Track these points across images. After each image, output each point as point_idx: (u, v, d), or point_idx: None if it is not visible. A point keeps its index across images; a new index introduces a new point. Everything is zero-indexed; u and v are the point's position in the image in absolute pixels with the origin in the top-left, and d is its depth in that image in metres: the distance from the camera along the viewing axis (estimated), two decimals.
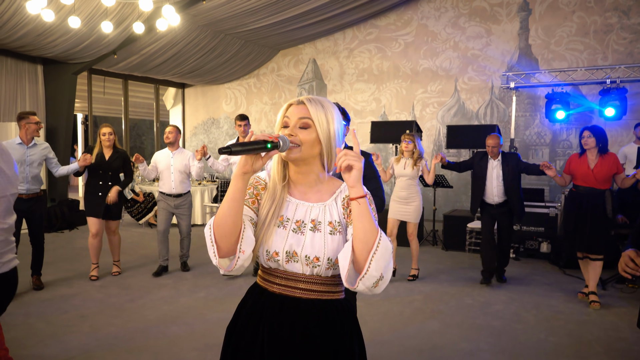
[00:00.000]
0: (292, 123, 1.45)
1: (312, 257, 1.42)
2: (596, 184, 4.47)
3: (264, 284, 1.51)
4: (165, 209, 5.51)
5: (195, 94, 12.19)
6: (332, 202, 1.49)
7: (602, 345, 3.59)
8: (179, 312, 4.26)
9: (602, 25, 8.12)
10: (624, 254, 1.96)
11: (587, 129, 4.53)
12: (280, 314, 1.44)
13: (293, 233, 1.44)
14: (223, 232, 1.36)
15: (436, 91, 9.40)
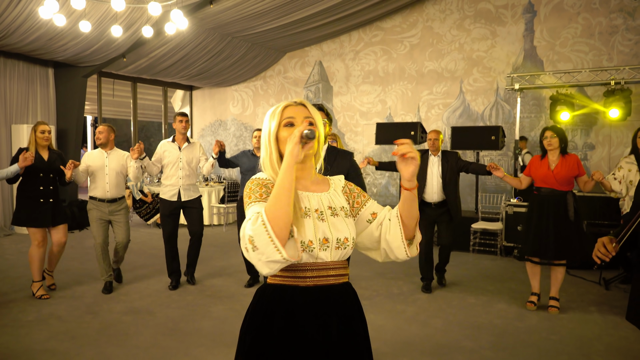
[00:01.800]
0: (299, 122, 1.55)
1: (342, 238, 1.52)
2: (557, 185, 4.34)
3: (292, 281, 1.52)
4: (100, 218, 4.87)
5: (202, 96, 12.32)
6: (334, 192, 1.63)
7: (602, 344, 3.64)
8: (187, 310, 4.36)
9: (607, 27, 8.14)
10: (599, 240, 2.03)
11: (549, 129, 4.42)
12: (321, 305, 1.50)
13: (318, 221, 1.51)
14: (283, 223, 1.35)
15: (441, 93, 9.45)
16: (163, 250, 5.71)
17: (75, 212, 8.33)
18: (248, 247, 1.36)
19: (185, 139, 5.19)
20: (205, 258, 6.32)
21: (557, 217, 4.29)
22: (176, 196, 5.08)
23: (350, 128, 10.40)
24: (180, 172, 5.08)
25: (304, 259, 1.50)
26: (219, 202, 9.12)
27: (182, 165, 5.09)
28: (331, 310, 1.52)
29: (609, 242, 1.98)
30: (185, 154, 5.13)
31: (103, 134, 4.92)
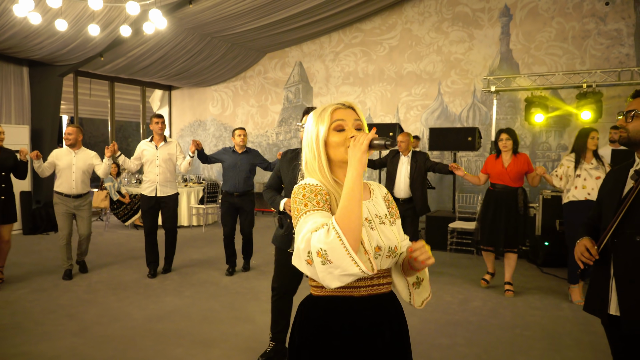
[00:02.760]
0: (349, 125, 1.49)
1: (392, 247, 1.50)
2: (510, 182, 4.90)
3: (347, 292, 1.47)
4: (65, 212, 5.27)
5: (182, 96, 12.24)
6: (375, 199, 1.59)
7: (573, 339, 3.75)
8: (165, 311, 4.34)
9: (580, 31, 8.36)
10: (579, 242, 2.10)
11: (504, 132, 4.98)
12: (375, 314, 1.49)
13: (370, 230, 1.47)
14: (358, 235, 1.31)
15: (420, 94, 9.57)
16: (141, 251, 5.70)
17: (51, 214, 8.20)
18: (316, 260, 1.29)
19: (162, 139, 5.54)
20: (184, 259, 6.30)
21: (508, 210, 4.88)
22: (154, 192, 5.45)
23: None
24: (157, 170, 5.45)
25: None
26: (198, 203, 9.07)
27: (159, 163, 5.46)
28: (384, 319, 1.51)
29: (592, 245, 2.05)
30: (161, 153, 5.47)
31: (72, 135, 5.28)
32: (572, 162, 4.75)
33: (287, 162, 3.19)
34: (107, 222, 8.90)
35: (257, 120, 11.29)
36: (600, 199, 2.24)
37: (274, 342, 3.33)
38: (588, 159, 4.71)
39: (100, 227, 8.85)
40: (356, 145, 1.38)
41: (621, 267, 2.00)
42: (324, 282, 1.32)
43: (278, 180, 3.30)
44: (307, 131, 1.54)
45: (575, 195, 4.70)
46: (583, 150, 4.71)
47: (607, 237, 2.05)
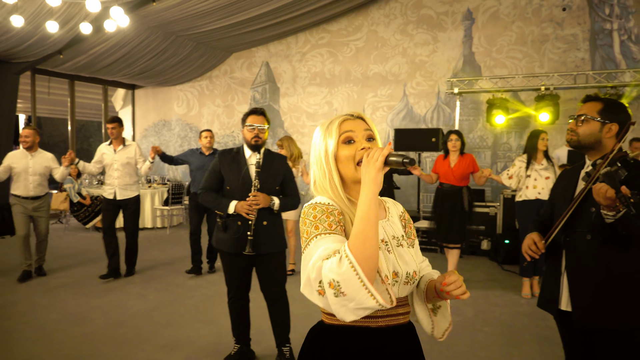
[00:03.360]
0: (359, 137, 1.38)
1: (411, 272, 1.37)
2: (455, 181, 5.12)
3: (363, 322, 1.33)
4: (23, 213, 5.25)
5: (145, 95, 12.01)
6: (392, 218, 1.47)
7: (531, 334, 3.87)
8: (127, 315, 4.25)
9: (538, 35, 8.63)
10: (528, 236, 2.18)
11: (454, 133, 5.20)
12: (392, 347, 1.35)
13: (386, 253, 1.35)
14: (374, 264, 1.17)
15: (386, 95, 9.68)
16: (103, 254, 5.57)
17: (5, 217, 7.90)
18: (328, 291, 1.16)
19: (121, 142, 5.47)
20: (147, 261, 6.18)
21: (453, 208, 5.12)
22: (112, 195, 5.40)
23: (297, 129, 10.46)
24: (116, 173, 5.39)
25: None
26: (163, 204, 8.92)
27: (117, 167, 5.36)
28: (401, 351, 1.37)
29: (540, 239, 2.13)
30: (119, 157, 5.40)
31: (29, 138, 5.23)
32: (523, 162, 4.92)
33: (228, 163, 3.14)
34: (67, 224, 8.65)
35: (224, 121, 11.18)
36: (552, 198, 2.33)
37: (239, 344, 3.32)
38: (539, 160, 4.89)
39: (60, 229, 8.59)
40: (370, 162, 1.25)
41: (572, 264, 2.08)
42: (338, 315, 1.18)
43: (218, 182, 3.18)
44: (314, 147, 1.43)
45: (527, 195, 4.88)
46: (534, 151, 4.89)
47: (555, 233, 2.13)
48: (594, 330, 2.03)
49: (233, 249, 3.09)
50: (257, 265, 3.19)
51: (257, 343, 3.51)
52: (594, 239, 2.03)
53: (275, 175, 3.17)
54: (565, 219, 2.11)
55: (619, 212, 1.81)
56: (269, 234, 3.12)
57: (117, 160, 5.37)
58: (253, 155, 3.16)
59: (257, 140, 3.11)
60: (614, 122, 2.10)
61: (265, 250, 3.10)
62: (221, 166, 3.17)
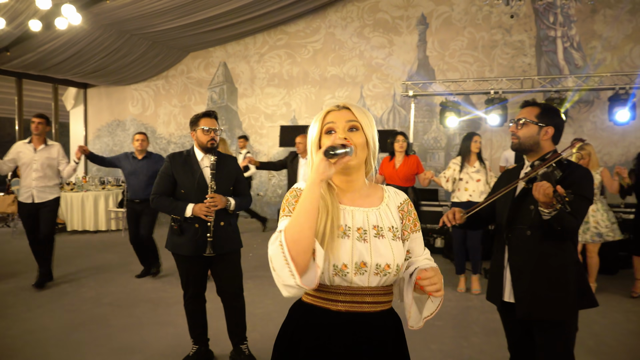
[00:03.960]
0: (340, 127, 1.41)
1: (382, 265, 1.37)
2: (400, 181, 5.27)
3: (322, 303, 1.40)
4: None
5: (98, 94, 11.69)
6: (385, 207, 1.47)
7: (479, 326, 4.07)
8: (81, 320, 4.17)
9: (488, 41, 9.00)
10: (453, 208, 2.32)
11: (400, 134, 5.39)
12: (353, 333, 1.38)
13: (358, 242, 1.37)
14: (302, 247, 1.24)
15: (343, 97, 9.83)
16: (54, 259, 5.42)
17: None
18: (270, 266, 1.28)
19: (42, 141, 5.12)
20: (102, 264, 6.05)
21: None
22: (30, 198, 5.04)
23: (255, 130, 10.45)
24: (34, 174, 5.03)
25: (337, 282, 1.37)
26: (117, 206, 8.72)
27: (37, 168, 5.03)
28: (363, 340, 1.38)
29: (459, 212, 2.27)
30: (40, 156, 5.06)
31: None
32: (458, 165, 5.08)
33: (181, 166, 3.15)
34: (15, 228, 8.32)
35: (180, 121, 11.04)
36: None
37: (197, 345, 3.33)
38: (472, 162, 5.04)
39: (7, 233, 8.26)
40: (318, 153, 1.33)
41: (514, 258, 2.24)
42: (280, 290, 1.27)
43: (171, 186, 3.16)
44: (308, 134, 1.50)
45: (459, 197, 5.06)
46: (468, 154, 5.05)
47: (475, 210, 2.31)
48: (533, 320, 2.19)
49: (191, 252, 3.10)
50: (213, 266, 3.21)
51: (215, 343, 3.53)
52: (533, 234, 2.18)
53: (228, 176, 3.20)
54: (490, 201, 2.30)
55: (555, 210, 1.96)
56: (227, 234, 3.15)
57: (37, 160, 5.00)
58: (205, 157, 3.18)
59: (213, 143, 3.14)
60: (550, 125, 2.26)
61: (223, 251, 3.13)
62: (173, 170, 3.15)
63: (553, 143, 2.31)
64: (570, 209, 1.91)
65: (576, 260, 2.19)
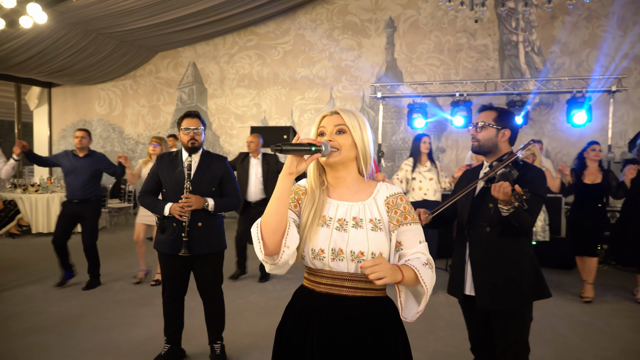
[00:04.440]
0: (328, 131, 1.57)
1: (356, 252, 1.48)
2: None
3: (310, 285, 1.57)
4: None
5: (63, 94, 11.44)
6: (372, 201, 1.57)
7: (444, 321, 4.23)
8: (50, 322, 4.12)
9: (454, 45, 9.25)
10: (419, 209, 2.42)
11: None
12: (328, 313, 1.51)
13: (336, 231, 1.51)
14: (270, 229, 1.44)
15: (313, 98, 9.93)
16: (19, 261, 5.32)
17: None
18: None
19: None
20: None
21: None
22: None
23: (225, 131, 10.44)
24: None
25: (318, 265, 1.53)
26: None
27: None
28: (340, 323, 1.50)
29: (424, 212, 2.39)
30: None
31: None
32: (410, 166, 5.21)
33: (166, 166, 3.20)
34: None
35: (149, 121, 10.92)
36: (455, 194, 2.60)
37: (169, 344, 3.36)
38: (423, 162, 5.20)
39: None
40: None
41: (474, 253, 2.37)
42: None
43: (157, 185, 3.23)
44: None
45: (414, 197, 5.20)
46: (418, 154, 5.19)
47: (440, 210, 2.44)
48: (492, 311, 2.33)
49: (169, 250, 3.15)
50: (194, 266, 3.26)
51: (187, 341, 3.56)
52: (492, 231, 2.32)
53: (211, 176, 3.21)
54: (453, 200, 2.43)
55: (513, 207, 2.10)
56: (205, 235, 3.17)
57: None
58: (190, 157, 3.23)
59: (194, 142, 3.17)
60: (507, 128, 2.41)
61: (201, 251, 3.16)
62: (159, 170, 3.23)
63: (510, 144, 2.46)
64: (527, 206, 2.05)
65: (531, 255, 2.35)
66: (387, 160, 9.41)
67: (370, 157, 1.61)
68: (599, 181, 4.76)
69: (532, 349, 3.64)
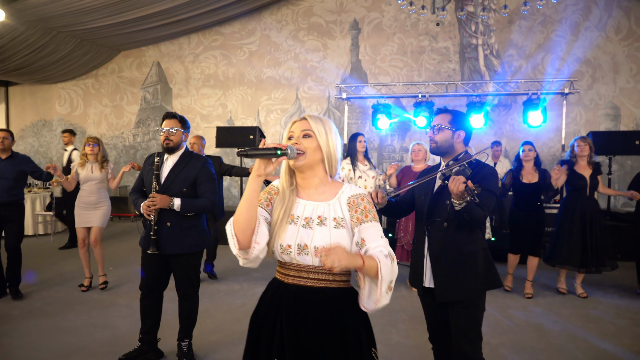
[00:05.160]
0: (296, 135, 1.71)
1: (319, 247, 1.61)
2: None
3: (280, 277, 1.73)
4: None
5: (22, 93, 11.11)
6: (336, 201, 1.69)
7: (407, 314, 4.38)
8: (11, 326, 4.05)
9: (417, 47, 9.49)
10: (375, 190, 2.57)
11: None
12: (294, 302, 1.65)
13: (302, 228, 1.65)
14: (241, 226, 1.59)
15: (279, 98, 9.99)
16: None
17: None
18: None
19: None
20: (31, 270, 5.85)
21: None
22: None
23: (191, 131, 10.35)
24: None
25: (286, 259, 1.68)
26: (45, 210, 8.38)
27: None
28: (304, 310, 1.64)
29: (375, 195, 2.51)
30: None
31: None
32: (349, 164, 5.29)
33: (148, 166, 3.29)
34: None
35: (112, 121, 10.73)
36: (414, 193, 2.73)
37: (140, 342, 3.37)
38: (361, 161, 5.29)
39: None
40: None
41: (433, 247, 2.50)
42: None
43: (141, 183, 3.37)
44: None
45: None
46: (355, 153, 5.28)
47: (398, 193, 2.63)
48: (448, 302, 2.47)
49: (145, 246, 3.25)
50: (171, 265, 3.30)
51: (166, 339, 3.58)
52: (449, 226, 2.46)
53: (184, 177, 3.22)
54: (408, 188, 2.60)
55: (465, 202, 2.24)
56: (174, 235, 3.19)
57: None
58: (170, 157, 3.27)
59: (168, 143, 3.21)
60: (462, 129, 2.56)
61: (170, 252, 3.20)
62: (143, 169, 3.36)
63: (464, 145, 2.61)
64: (478, 200, 2.19)
65: (484, 247, 2.50)
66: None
67: (336, 160, 1.73)
68: (536, 180, 4.95)
69: (490, 339, 3.85)
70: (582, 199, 4.95)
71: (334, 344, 1.62)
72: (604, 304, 4.79)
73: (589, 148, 4.93)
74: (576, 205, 4.96)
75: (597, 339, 3.86)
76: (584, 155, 4.95)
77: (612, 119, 8.89)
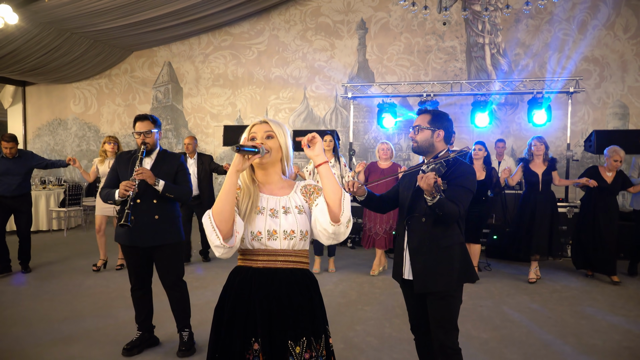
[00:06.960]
0: (259, 136, 1.88)
1: (289, 230, 1.83)
2: None
3: (247, 263, 1.87)
4: None
5: (38, 92, 11.43)
6: (294, 194, 1.93)
7: (402, 309, 4.46)
8: (20, 316, 4.25)
9: (423, 46, 9.54)
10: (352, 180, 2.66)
11: (329, 134, 5.68)
12: (267, 280, 1.82)
13: (270, 217, 1.84)
14: (224, 218, 1.71)
15: (287, 98, 10.13)
16: None
17: None
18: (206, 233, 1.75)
19: None
20: (43, 263, 6.07)
21: None
22: None
23: (201, 129, 10.58)
24: None
25: (256, 246, 1.84)
26: (59, 206, 8.64)
27: None
28: (274, 287, 1.82)
29: (358, 183, 2.61)
30: None
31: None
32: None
33: (124, 163, 3.39)
34: None
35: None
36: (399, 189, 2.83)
37: (140, 331, 3.54)
38: (328, 158, 5.46)
39: None
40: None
41: (412, 240, 2.60)
42: None
43: (116, 180, 3.37)
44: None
45: None
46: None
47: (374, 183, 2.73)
48: (426, 293, 2.57)
49: (127, 241, 3.33)
50: (154, 257, 3.43)
51: (160, 329, 3.74)
52: (427, 221, 2.56)
53: (165, 172, 3.38)
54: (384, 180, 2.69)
55: (435, 197, 2.34)
56: (160, 225, 3.33)
57: None
58: (148, 157, 3.40)
59: (147, 145, 3.35)
60: (441, 129, 2.65)
61: (155, 243, 3.33)
62: (117, 166, 3.42)
63: (445, 143, 2.70)
64: (444, 195, 2.30)
65: (461, 242, 2.59)
66: (358, 159, 9.65)
67: (290, 159, 1.98)
68: (483, 177, 5.44)
69: (480, 333, 3.92)
70: (535, 194, 5.52)
71: (304, 317, 1.83)
72: (600, 302, 4.83)
73: (544, 147, 5.51)
74: (529, 199, 5.55)
75: (587, 336, 3.92)
76: (540, 154, 5.52)
77: (621, 117, 8.84)
